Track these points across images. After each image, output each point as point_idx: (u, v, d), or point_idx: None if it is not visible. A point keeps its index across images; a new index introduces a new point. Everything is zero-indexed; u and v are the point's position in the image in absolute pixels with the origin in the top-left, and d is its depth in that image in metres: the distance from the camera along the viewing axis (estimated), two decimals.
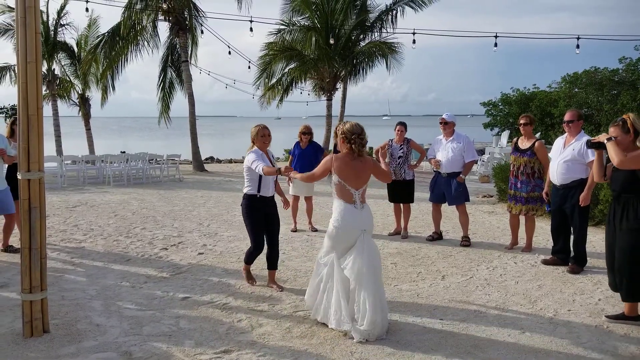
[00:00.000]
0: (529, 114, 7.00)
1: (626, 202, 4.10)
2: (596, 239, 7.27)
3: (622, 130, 4.08)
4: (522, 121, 6.47)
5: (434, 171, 7.20)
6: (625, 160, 3.94)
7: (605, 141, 4.10)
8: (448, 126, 7.01)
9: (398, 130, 7.40)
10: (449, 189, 6.95)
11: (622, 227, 4.13)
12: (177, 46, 18.38)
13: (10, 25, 18.12)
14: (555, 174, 5.78)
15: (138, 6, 17.10)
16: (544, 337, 4.00)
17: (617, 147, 4.02)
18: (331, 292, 4.05)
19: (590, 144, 4.31)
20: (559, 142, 5.93)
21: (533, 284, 5.32)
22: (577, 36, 15.47)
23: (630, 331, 4.12)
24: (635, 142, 4.06)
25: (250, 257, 5.12)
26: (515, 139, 6.72)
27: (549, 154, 6.13)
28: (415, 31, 16.17)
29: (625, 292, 4.18)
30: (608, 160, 4.25)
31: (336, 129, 4.33)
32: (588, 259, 5.81)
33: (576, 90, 19.89)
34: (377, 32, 19.16)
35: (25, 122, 3.72)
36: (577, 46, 15.75)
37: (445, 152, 6.96)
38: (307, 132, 7.78)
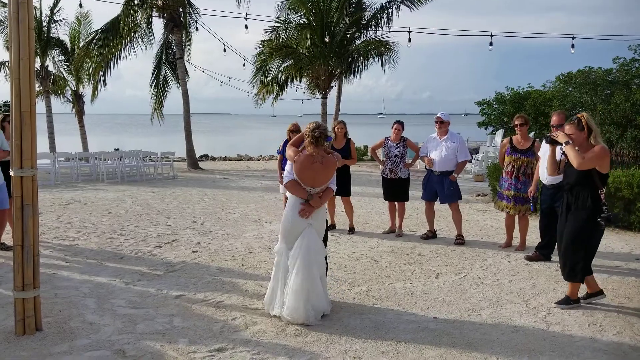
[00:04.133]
0: (523, 114, 7.01)
1: (578, 193, 4.47)
2: None
3: (578, 128, 4.46)
4: (517, 122, 6.46)
5: (427, 169, 7.22)
6: (583, 162, 4.34)
7: (564, 145, 4.47)
8: (443, 125, 7.03)
9: (395, 129, 7.39)
10: (442, 187, 6.98)
11: (571, 214, 4.51)
12: (172, 43, 18.31)
13: (1, 21, 17.98)
14: (545, 173, 5.82)
15: (135, 2, 17.02)
16: (537, 335, 4.02)
17: (575, 151, 4.40)
18: (276, 280, 4.31)
19: (549, 140, 4.70)
20: None
21: (527, 282, 5.34)
22: (572, 36, 15.53)
23: (622, 330, 4.15)
24: (589, 140, 4.43)
25: None
26: (507, 139, 6.71)
27: (538, 153, 6.18)
28: (411, 30, 16.22)
29: (567, 273, 4.58)
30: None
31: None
32: None
33: (570, 89, 19.96)
34: (372, 30, 19.17)
35: (18, 118, 3.69)
36: (572, 46, 15.79)
37: (439, 150, 6.99)
38: (296, 130, 7.71)
